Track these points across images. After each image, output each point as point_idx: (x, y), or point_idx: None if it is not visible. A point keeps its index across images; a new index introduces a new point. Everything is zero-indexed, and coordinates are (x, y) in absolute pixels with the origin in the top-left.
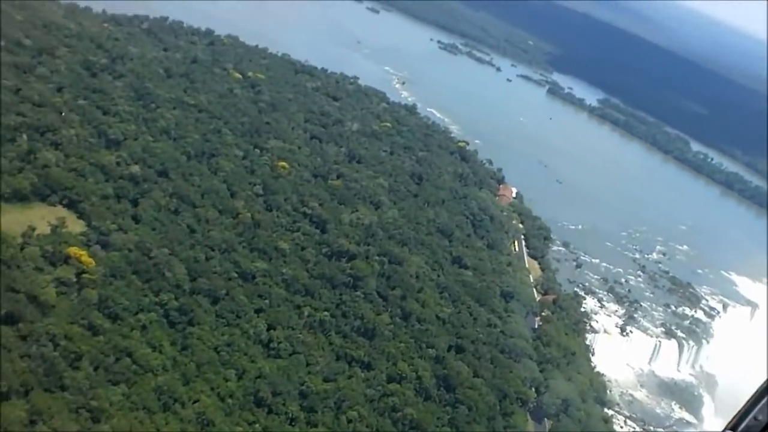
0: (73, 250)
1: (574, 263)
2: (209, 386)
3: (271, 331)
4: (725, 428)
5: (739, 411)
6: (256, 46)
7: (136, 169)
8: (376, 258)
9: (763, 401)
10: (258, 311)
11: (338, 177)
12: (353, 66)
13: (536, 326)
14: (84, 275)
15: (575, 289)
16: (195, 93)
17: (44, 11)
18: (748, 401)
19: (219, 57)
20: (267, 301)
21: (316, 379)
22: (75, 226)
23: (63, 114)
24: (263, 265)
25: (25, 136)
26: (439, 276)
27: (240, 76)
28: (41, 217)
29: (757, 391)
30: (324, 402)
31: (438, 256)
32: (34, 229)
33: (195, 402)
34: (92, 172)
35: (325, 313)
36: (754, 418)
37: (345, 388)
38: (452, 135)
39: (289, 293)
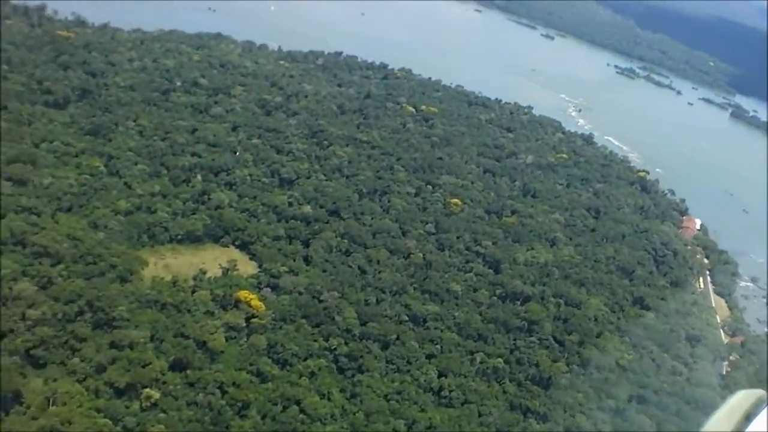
0: (244, 294)
1: (765, 300)
2: None
3: (443, 378)
4: None
5: None
6: (430, 78)
7: (308, 209)
8: (552, 300)
9: None
10: (429, 357)
11: (512, 213)
12: (528, 95)
13: (724, 372)
14: (253, 320)
15: (766, 329)
16: (368, 129)
17: (221, 50)
18: None
19: (392, 91)
20: (438, 347)
21: (489, 431)
22: (246, 267)
23: (237, 153)
24: (435, 308)
25: (199, 177)
26: (619, 319)
27: (413, 110)
28: (213, 259)
29: None
30: None
31: (618, 296)
32: (205, 273)
33: None
34: (265, 213)
35: (499, 359)
36: None
37: None
38: (631, 164)
39: (461, 338)
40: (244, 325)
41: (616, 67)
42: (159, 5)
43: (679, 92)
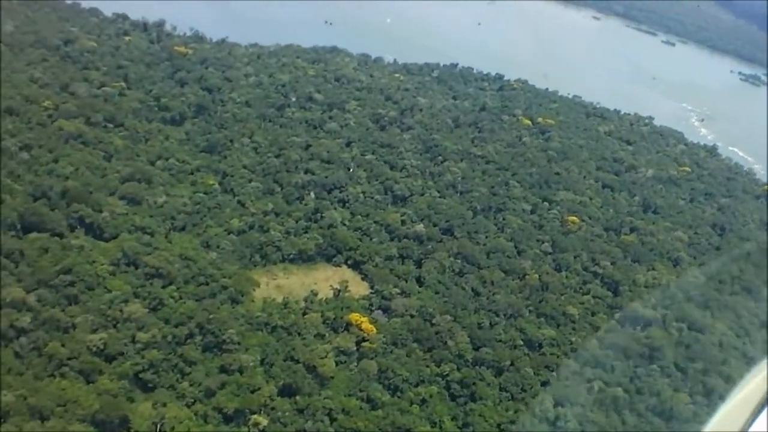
0: (355, 317)
1: None
2: None
3: (558, 407)
4: None
5: None
6: (546, 89)
7: (420, 227)
8: (674, 324)
9: None
10: (544, 384)
11: (632, 230)
12: (648, 105)
13: None
14: (364, 344)
15: None
16: (483, 143)
17: (337, 64)
18: None
19: (508, 103)
20: (554, 374)
21: None
22: (358, 288)
23: (351, 170)
24: (551, 332)
25: (312, 194)
26: (745, 344)
27: (529, 123)
28: (325, 279)
29: None
30: None
31: (744, 320)
32: (316, 294)
33: None
34: (377, 231)
35: (618, 388)
36: None
37: None
38: (757, 177)
39: (578, 364)
40: (355, 349)
41: (740, 73)
42: (278, 20)
43: None
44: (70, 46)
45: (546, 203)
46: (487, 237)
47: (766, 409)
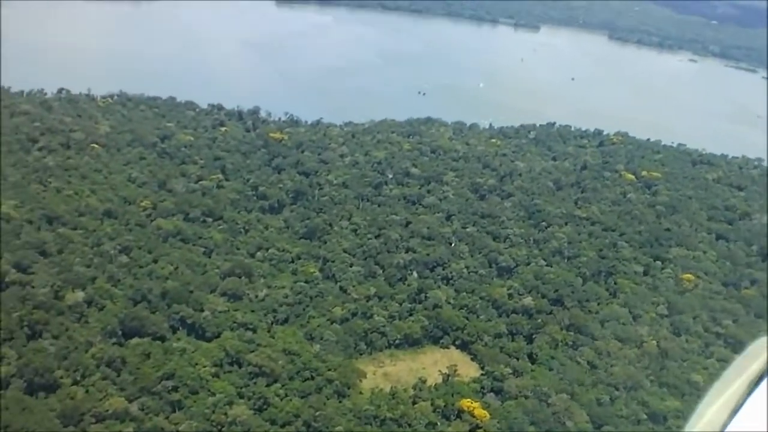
0: (466, 403)
1: None
2: None
3: None
4: None
5: None
6: (648, 139)
7: (529, 300)
8: None
9: None
10: None
11: (752, 283)
12: (755, 145)
13: None
14: (478, 431)
15: None
16: (586, 204)
17: (432, 135)
18: None
19: (609, 158)
20: None
21: None
22: (468, 369)
23: (452, 245)
24: (675, 403)
25: (415, 274)
26: None
27: (633, 177)
28: (433, 363)
29: None
30: None
31: None
32: (425, 380)
33: None
34: (484, 308)
35: None
36: None
37: None
38: None
39: None
40: None
41: None
42: (371, 94)
43: None
44: (167, 142)
45: (658, 262)
46: (599, 304)
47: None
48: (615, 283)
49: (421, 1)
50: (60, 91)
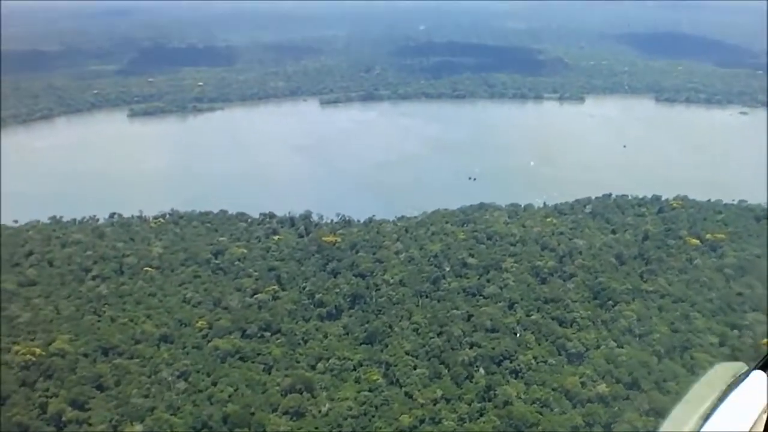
0: None
1: None
2: None
3: None
4: (754, 367)
5: None
6: (708, 200)
7: (603, 387)
8: None
9: None
10: None
11: None
12: None
13: None
14: None
15: None
16: (652, 276)
17: (486, 221)
18: None
19: (671, 225)
20: None
21: None
22: None
23: (518, 335)
24: None
25: (482, 370)
26: None
27: (697, 242)
28: None
29: None
30: None
31: None
32: None
33: None
34: (557, 400)
35: None
36: None
37: None
38: None
39: None
40: None
41: None
42: (422, 185)
43: None
44: (220, 258)
45: (735, 330)
46: (677, 384)
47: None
48: (692, 358)
49: (463, 87)
50: (112, 215)
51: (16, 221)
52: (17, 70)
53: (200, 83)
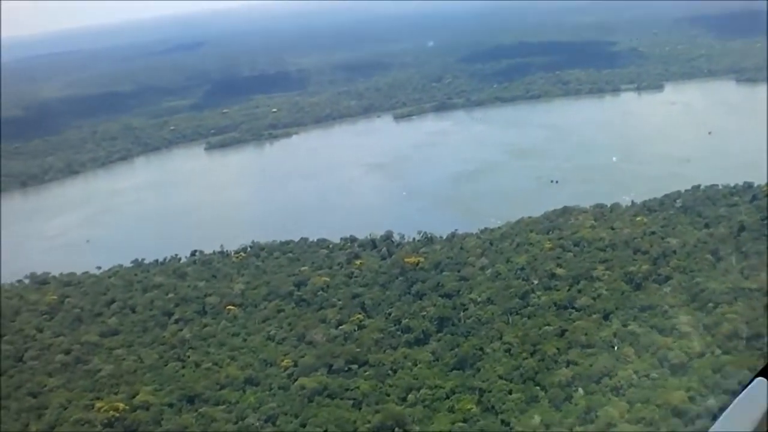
0: None
1: None
2: None
3: None
4: (756, 375)
5: None
6: None
7: (712, 401)
8: None
9: None
10: None
11: None
12: None
13: None
14: None
15: None
16: (753, 272)
17: (572, 227)
18: None
19: (766, 213)
20: None
21: None
22: None
23: (616, 349)
24: None
25: (580, 390)
26: None
27: None
28: None
29: None
30: None
31: None
32: None
33: None
34: (664, 418)
35: None
36: None
37: None
38: None
39: None
40: None
41: None
42: (502, 193)
43: None
44: (302, 289)
45: None
46: None
47: None
48: None
49: (537, 87)
50: (193, 253)
51: (99, 268)
52: (95, 114)
53: (274, 110)
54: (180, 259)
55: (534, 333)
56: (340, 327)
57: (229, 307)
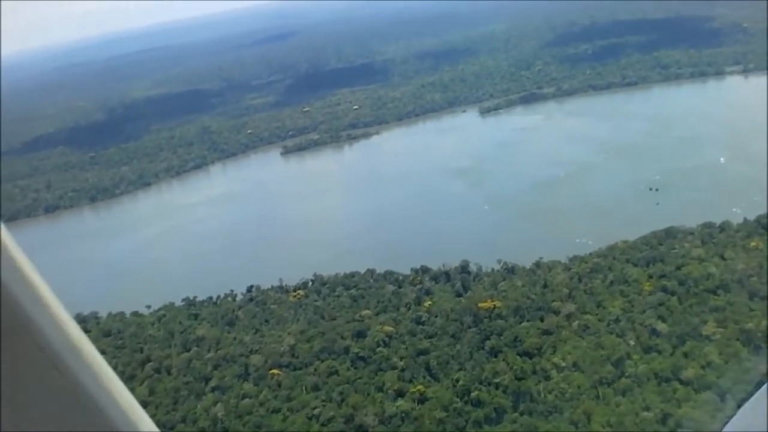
0: None
1: None
2: None
3: None
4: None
5: None
6: None
7: None
8: None
9: None
10: None
11: None
12: None
13: None
14: None
15: None
16: None
17: (676, 254)
18: None
19: None
20: None
21: None
22: None
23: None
24: None
25: None
26: None
27: None
28: None
29: None
30: None
31: None
32: None
33: None
34: None
35: None
36: None
37: None
38: None
39: None
40: None
41: None
42: (594, 206)
43: None
44: (361, 342)
45: None
46: None
47: None
48: None
49: (633, 72)
50: (249, 289)
51: (148, 306)
52: (176, 115)
53: (355, 107)
54: (235, 296)
55: (630, 419)
56: (397, 400)
57: (274, 371)
